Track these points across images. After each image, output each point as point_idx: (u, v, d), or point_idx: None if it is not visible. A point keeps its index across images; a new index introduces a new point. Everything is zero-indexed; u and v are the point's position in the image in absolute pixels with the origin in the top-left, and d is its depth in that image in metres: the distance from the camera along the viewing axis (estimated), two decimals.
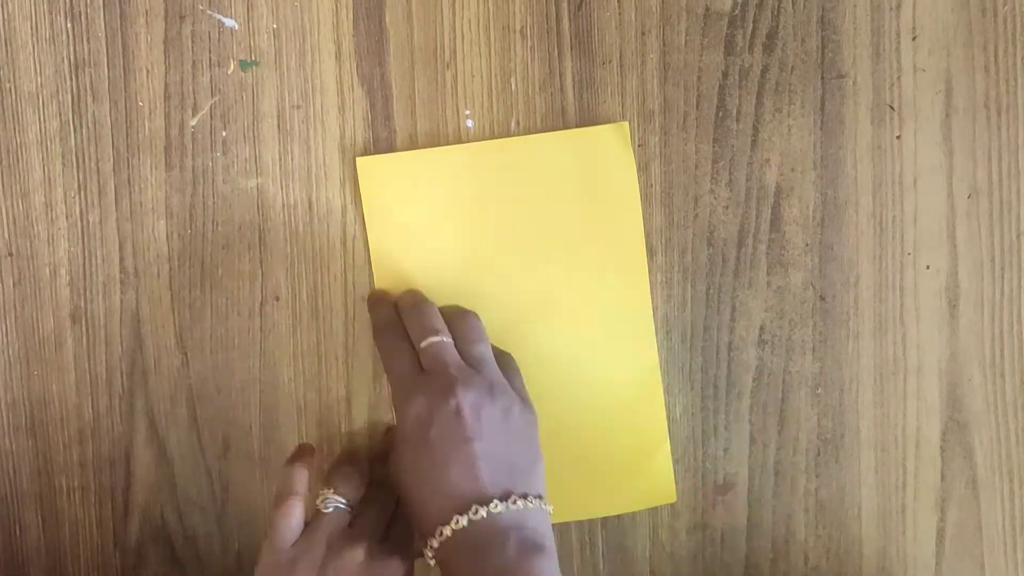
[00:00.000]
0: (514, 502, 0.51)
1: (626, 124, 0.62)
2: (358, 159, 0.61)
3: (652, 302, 0.62)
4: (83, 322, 0.62)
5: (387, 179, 0.62)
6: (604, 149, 0.62)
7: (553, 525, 0.63)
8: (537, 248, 0.62)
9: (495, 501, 0.51)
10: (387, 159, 0.62)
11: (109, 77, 0.61)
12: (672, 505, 0.64)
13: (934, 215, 0.62)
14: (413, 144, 0.62)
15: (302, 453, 0.58)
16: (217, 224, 0.62)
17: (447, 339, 0.57)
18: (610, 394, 0.62)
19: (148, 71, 0.61)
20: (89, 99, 0.61)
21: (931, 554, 0.64)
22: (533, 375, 0.61)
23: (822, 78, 0.62)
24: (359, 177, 0.61)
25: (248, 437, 0.63)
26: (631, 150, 0.62)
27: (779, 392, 0.63)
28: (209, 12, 0.61)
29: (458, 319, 0.58)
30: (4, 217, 0.61)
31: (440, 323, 0.57)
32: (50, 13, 0.60)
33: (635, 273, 0.62)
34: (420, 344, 0.56)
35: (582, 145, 0.62)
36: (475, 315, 0.59)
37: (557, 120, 0.62)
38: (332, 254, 0.63)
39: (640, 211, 0.62)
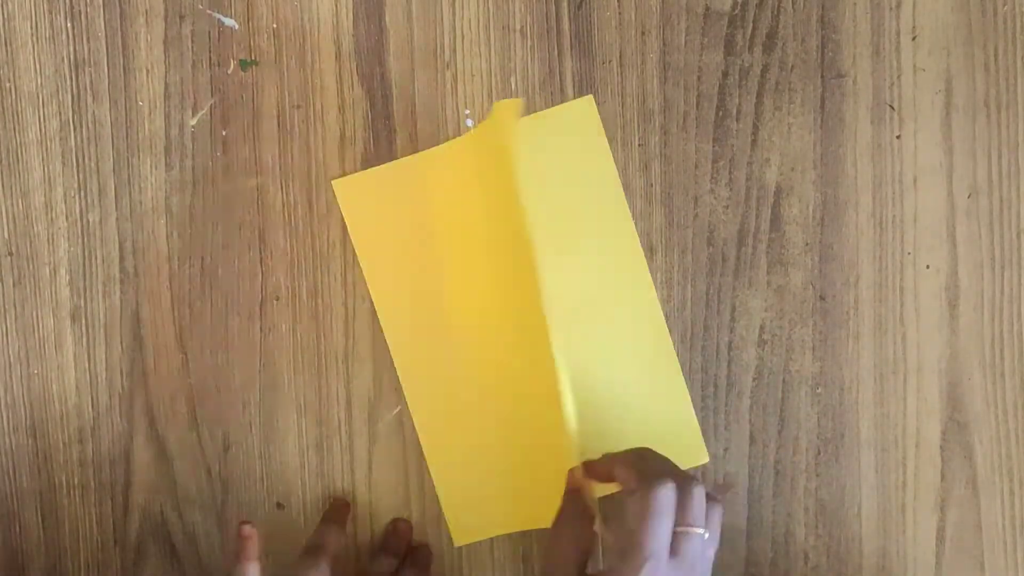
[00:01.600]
0: None
1: (591, 97, 0.61)
2: (334, 182, 0.61)
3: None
4: (83, 322, 0.62)
5: (367, 196, 0.61)
6: (572, 127, 0.61)
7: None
8: (527, 241, 0.62)
9: None
10: (363, 176, 0.62)
11: (109, 77, 0.61)
12: None
13: (934, 214, 0.62)
14: (413, 143, 0.62)
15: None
16: (217, 224, 0.62)
17: None
18: (629, 374, 0.62)
19: (148, 71, 0.61)
20: (89, 99, 0.61)
21: (931, 554, 0.63)
22: (545, 368, 0.62)
23: (822, 77, 0.62)
24: (339, 200, 0.61)
25: (248, 437, 0.63)
26: (599, 122, 0.61)
27: (779, 392, 0.63)
28: (209, 12, 0.61)
29: None
30: (4, 217, 0.61)
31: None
32: (50, 13, 0.61)
33: (628, 250, 0.62)
34: None
35: (550, 127, 0.61)
36: None
37: None
38: (332, 254, 0.63)
39: (620, 185, 0.62)
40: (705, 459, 0.63)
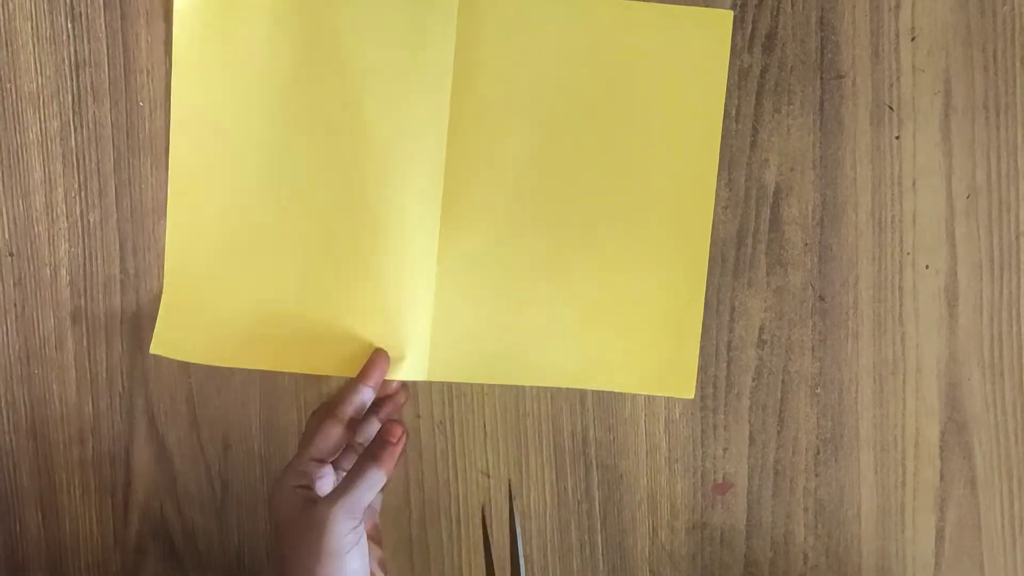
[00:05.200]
0: None
1: (731, 12, 0.61)
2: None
3: None
4: (83, 322, 0.62)
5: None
6: (701, 33, 0.61)
7: (552, 519, 0.63)
8: (601, 129, 0.61)
9: None
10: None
11: (110, 77, 0.61)
12: (671, 505, 0.64)
13: (933, 215, 0.63)
14: None
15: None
16: None
17: None
18: (651, 272, 0.62)
19: (149, 71, 0.61)
20: (90, 99, 0.61)
21: (930, 553, 0.64)
22: (574, 233, 0.62)
23: (821, 78, 0.62)
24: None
25: (248, 436, 0.63)
26: (729, 38, 0.61)
27: (778, 392, 0.63)
28: None
29: None
30: (5, 217, 0.62)
31: None
32: (51, 13, 0.61)
33: (703, 171, 0.61)
34: None
35: (679, 24, 0.61)
36: None
37: None
38: None
39: (722, 106, 0.61)
40: (691, 395, 0.62)
